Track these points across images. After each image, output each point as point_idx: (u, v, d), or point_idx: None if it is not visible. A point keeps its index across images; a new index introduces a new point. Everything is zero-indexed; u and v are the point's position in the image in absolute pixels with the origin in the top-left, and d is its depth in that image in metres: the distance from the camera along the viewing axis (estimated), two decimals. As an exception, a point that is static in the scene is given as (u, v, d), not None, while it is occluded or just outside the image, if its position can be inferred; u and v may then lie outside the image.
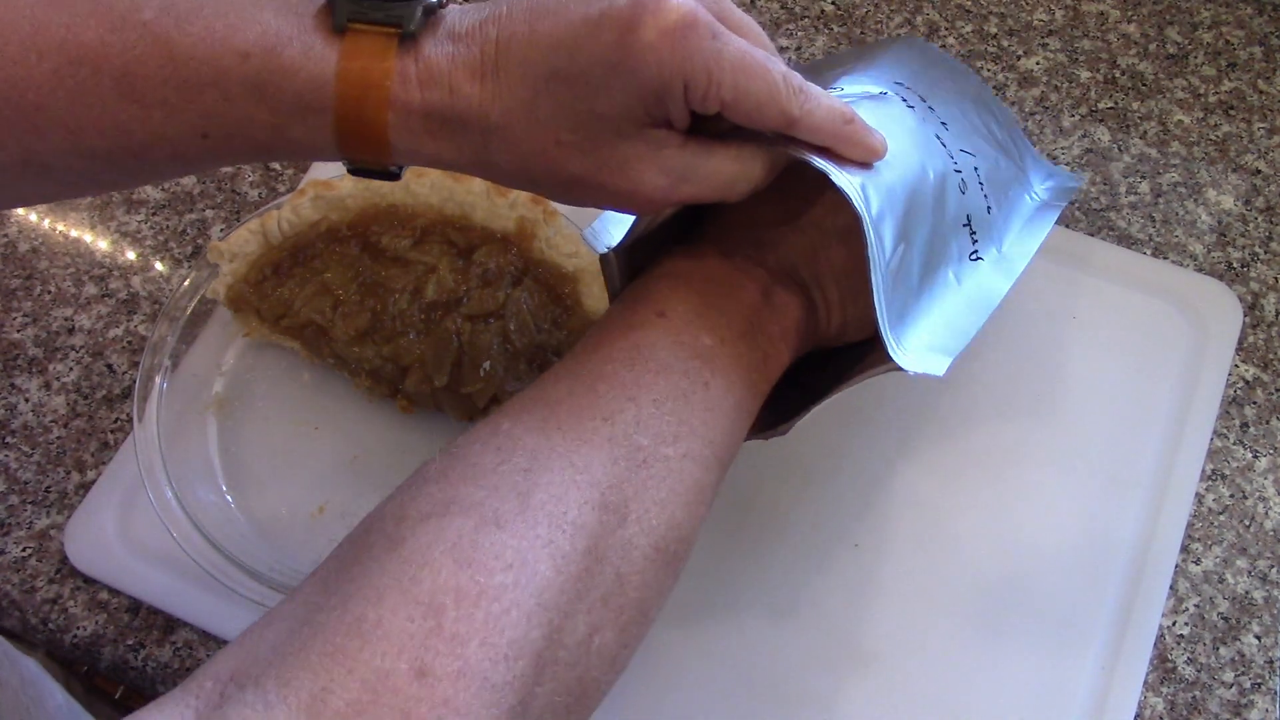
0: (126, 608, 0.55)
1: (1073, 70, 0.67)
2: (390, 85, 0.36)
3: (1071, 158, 0.65)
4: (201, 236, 0.64)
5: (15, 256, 0.63)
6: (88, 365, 0.60)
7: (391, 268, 0.56)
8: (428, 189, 0.57)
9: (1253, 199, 0.63)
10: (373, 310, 0.56)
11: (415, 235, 0.57)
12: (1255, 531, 0.55)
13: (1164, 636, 0.53)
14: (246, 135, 0.37)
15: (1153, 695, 0.52)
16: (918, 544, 0.55)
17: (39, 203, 0.53)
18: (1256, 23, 0.69)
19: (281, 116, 0.37)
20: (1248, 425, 0.58)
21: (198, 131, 0.37)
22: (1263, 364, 0.59)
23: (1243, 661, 0.53)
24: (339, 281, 0.56)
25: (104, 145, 0.36)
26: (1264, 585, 0.54)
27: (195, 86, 0.36)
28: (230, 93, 0.36)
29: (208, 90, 0.36)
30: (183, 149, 0.37)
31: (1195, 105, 0.66)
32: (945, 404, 0.58)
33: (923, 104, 0.47)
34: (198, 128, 0.37)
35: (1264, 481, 0.57)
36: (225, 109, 0.36)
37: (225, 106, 0.36)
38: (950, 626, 0.53)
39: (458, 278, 0.56)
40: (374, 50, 0.36)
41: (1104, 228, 0.63)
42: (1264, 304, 0.61)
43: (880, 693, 0.51)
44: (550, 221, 0.57)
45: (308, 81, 0.36)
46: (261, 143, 0.37)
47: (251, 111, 0.36)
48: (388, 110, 0.37)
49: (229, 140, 0.37)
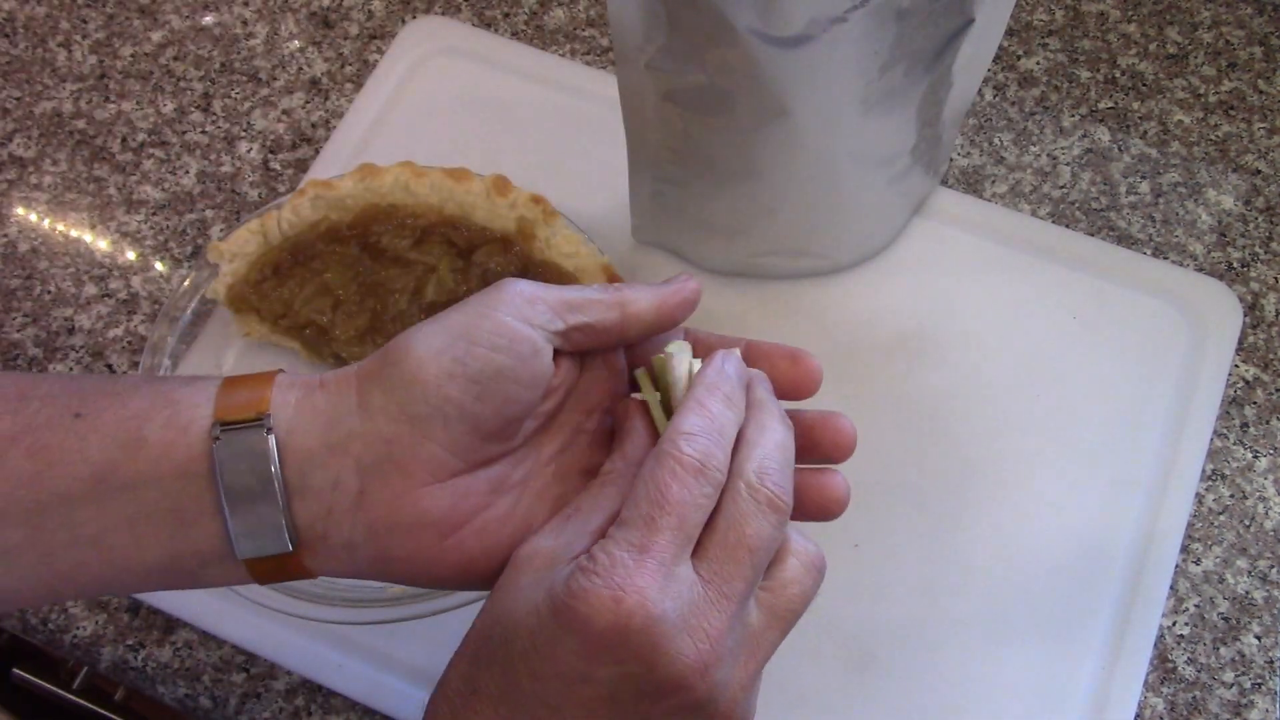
0: (126, 608, 0.55)
1: (1073, 70, 0.67)
2: (301, 565, 0.38)
3: (1071, 158, 0.65)
4: (201, 236, 0.64)
5: (15, 256, 0.63)
6: (88, 365, 0.60)
7: (391, 268, 0.56)
8: (428, 189, 0.57)
9: (1253, 199, 0.63)
10: (373, 310, 0.56)
11: (415, 235, 0.57)
12: (1255, 531, 0.55)
13: (1164, 636, 0.53)
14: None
15: (1153, 695, 0.52)
16: (918, 544, 0.55)
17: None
18: (1256, 23, 0.69)
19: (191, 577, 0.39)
20: (1248, 425, 0.58)
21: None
22: (1263, 364, 0.59)
23: (1243, 661, 0.53)
24: (339, 281, 0.56)
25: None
26: (1264, 585, 0.54)
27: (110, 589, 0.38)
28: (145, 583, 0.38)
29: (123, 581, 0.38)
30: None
31: (1195, 105, 0.66)
32: (945, 404, 0.58)
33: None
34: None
35: (1264, 481, 0.57)
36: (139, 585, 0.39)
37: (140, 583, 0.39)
38: (950, 626, 0.53)
39: (458, 278, 0.56)
40: (277, 565, 0.38)
41: (1104, 228, 0.63)
42: (1264, 304, 0.61)
43: (880, 693, 0.51)
44: (550, 222, 0.57)
45: (222, 577, 0.38)
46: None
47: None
48: (309, 572, 0.39)
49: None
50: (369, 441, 0.37)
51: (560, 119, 0.65)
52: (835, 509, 0.40)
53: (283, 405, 0.37)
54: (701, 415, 0.36)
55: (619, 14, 0.45)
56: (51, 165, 0.66)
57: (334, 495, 0.37)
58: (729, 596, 0.34)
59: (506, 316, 0.37)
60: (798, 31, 0.44)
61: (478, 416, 0.37)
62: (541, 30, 0.69)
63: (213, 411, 0.37)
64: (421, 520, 0.37)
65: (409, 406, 0.36)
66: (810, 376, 0.41)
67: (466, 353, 0.36)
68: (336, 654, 0.52)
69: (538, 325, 0.38)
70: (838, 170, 0.53)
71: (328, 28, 0.70)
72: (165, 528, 0.36)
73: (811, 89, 0.47)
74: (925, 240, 0.62)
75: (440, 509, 0.37)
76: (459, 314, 0.38)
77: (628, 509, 0.34)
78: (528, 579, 0.35)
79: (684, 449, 0.35)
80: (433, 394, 0.36)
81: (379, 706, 0.52)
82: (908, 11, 0.44)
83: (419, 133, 0.65)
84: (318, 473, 0.37)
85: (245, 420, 0.36)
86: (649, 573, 0.33)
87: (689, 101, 0.49)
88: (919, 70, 0.49)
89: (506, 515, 0.38)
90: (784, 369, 0.41)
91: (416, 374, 0.36)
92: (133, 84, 0.68)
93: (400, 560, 0.38)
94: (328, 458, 0.37)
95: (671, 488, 0.34)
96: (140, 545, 0.36)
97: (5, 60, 0.69)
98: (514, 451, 0.39)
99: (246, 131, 0.66)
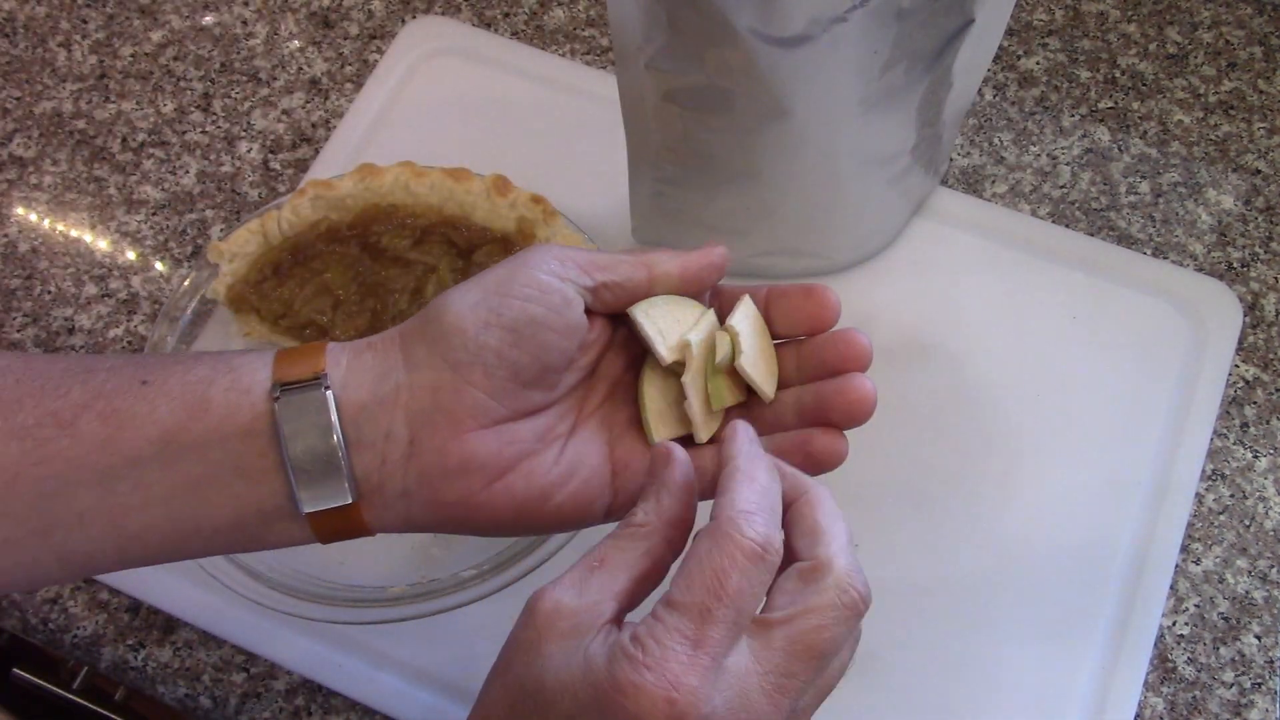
0: (126, 608, 0.55)
1: (1073, 70, 0.67)
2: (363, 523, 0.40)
3: (1071, 158, 0.65)
4: (201, 236, 0.64)
5: (15, 256, 0.63)
6: (88, 365, 0.60)
7: (391, 268, 0.56)
8: (428, 189, 0.57)
9: (1253, 199, 0.63)
10: (373, 310, 0.56)
11: (415, 235, 0.57)
12: (1255, 531, 0.55)
13: (1164, 636, 0.53)
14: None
15: (1153, 695, 0.52)
16: (917, 544, 0.55)
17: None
18: (1256, 23, 0.69)
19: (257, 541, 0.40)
20: (1248, 425, 0.58)
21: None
22: (1263, 364, 0.59)
23: (1243, 661, 0.53)
24: (339, 281, 0.56)
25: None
26: (1264, 585, 0.54)
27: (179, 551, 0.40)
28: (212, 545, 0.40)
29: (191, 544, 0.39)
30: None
31: (1195, 105, 0.66)
32: (945, 404, 0.58)
33: None
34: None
35: (1264, 481, 0.57)
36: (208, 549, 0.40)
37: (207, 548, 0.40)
38: (950, 626, 0.53)
39: (458, 278, 0.56)
40: (337, 515, 0.39)
41: (1104, 228, 0.63)
42: (1264, 304, 0.61)
43: (880, 692, 0.51)
44: (550, 222, 0.57)
45: (286, 536, 0.40)
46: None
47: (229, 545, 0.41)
48: (368, 527, 0.40)
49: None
50: (415, 392, 0.38)
51: (560, 119, 0.65)
52: (864, 410, 0.40)
53: (334, 366, 0.39)
54: (754, 489, 0.34)
55: (619, 14, 0.45)
56: (51, 165, 0.66)
57: (387, 446, 0.38)
58: (785, 692, 0.32)
59: (538, 272, 0.39)
60: (798, 31, 0.44)
61: (516, 363, 0.38)
62: (541, 30, 0.69)
63: (271, 375, 0.38)
64: (470, 464, 0.38)
65: (450, 355, 0.38)
66: (827, 307, 0.42)
67: (501, 304, 0.38)
68: (336, 654, 0.52)
69: (568, 280, 0.39)
70: (838, 170, 0.53)
71: (328, 28, 0.70)
72: (231, 487, 0.38)
73: (811, 89, 0.47)
74: (925, 240, 0.62)
75: (487, 452, 0.39)
76: (492, 273, 0.40)
77: (680, 590, 0.32)
78: (555, 647, 0.33)
79: (746, 532, 0.32)
80: (472, 342, 0.38)
81: (379, 706, 0.52)
82: (908, 11, 0.44)
83: (419, 133, 0.65)
84: (370, 425, 0.38)
85: (303, 380, 0.38)
86: (703, 670, 0.31)
87: (689, 101, 0.49)
88: (919, 70, 0.49)
89: (554, 461, 0.40)
90: (800, 303, 0.42)
91: (456, 325, 0.38)
92: (133, 84, 0.68)
93: (452, 504, 0.39)
94: (378, 411, 0.38)
95: (731, 577, 0.32)
96: (207, 505, 0.38)
97: (5, 60, 0.69)
98: (557, 403, 0.41)
99: (246, 131, 0.66)
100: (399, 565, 0.54)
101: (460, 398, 0.38)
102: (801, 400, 0.42)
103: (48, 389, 0.37)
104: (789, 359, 0.43)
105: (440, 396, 0.38)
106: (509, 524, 0.40)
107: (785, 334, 0.43)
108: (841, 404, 0.41)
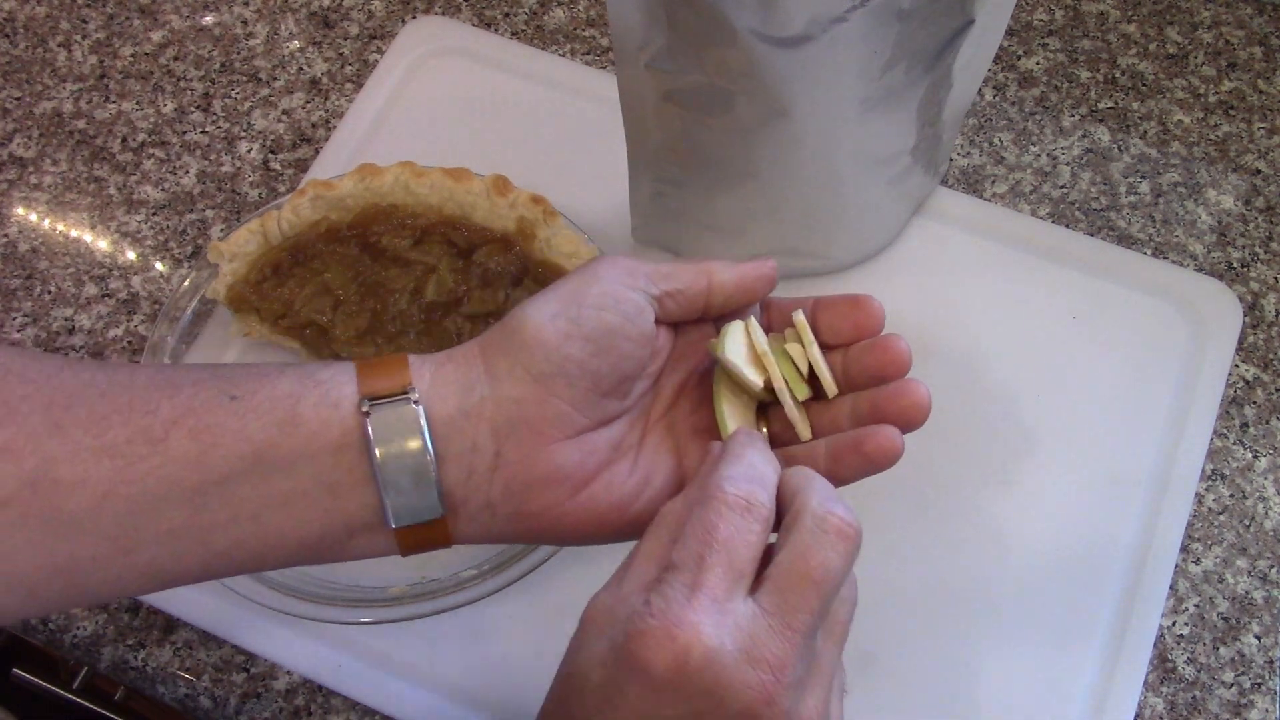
0: (126, 607, 0.55)
1: (1073, 70, 0.67)
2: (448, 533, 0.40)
3: (1071, 158, 0.65)
4: (201, 236, 0.64)
5: (15, 256, 0.63)
6: (88, 365, 0.60)
7: (391, 268, 0.56)
8: (428, 189, 0.57)
9: (1253, 199, 0.63)
10: (373, 310, 0.56)
11: (415, 235, 0.57)
12: (1255, 531, 0.55)
13: (1164, 636, 0.53)
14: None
15: (1153, 695, 0.52)
16: (918, 544, 0.55)
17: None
18: (1256, 23, 0.69)
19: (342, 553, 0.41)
20: (1248, 425, 0.58)
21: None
22: (1263, 364, 0.59)
23: (1243, 661, 0.53)
24: (339, 281, 0.56)
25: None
26: (1264, 585, 0.54)
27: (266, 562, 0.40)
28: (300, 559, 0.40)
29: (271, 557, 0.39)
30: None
31: (1195, 105, 0.66)
32: (945, 404, 0.57)
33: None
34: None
35: (1264, 481, 0.57)
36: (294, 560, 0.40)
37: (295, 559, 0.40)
38: (950, 626, 0.53)
39: (458, 278, 0.56)
40: (422, 527, 0.39)
41: (1104, 228, 0.63)
42: (1264, 304, 0.61)
43: (880, 693, 0.51)
44: (550, 222, 0.57)
45: (369, 548, 0.40)
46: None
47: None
48: (451, 539, 0.41)
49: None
50: (500, 404, 0.39)
51: (560, 119, 0.65)
52: (917, 413, 0.41)
53: (419, 379, 0.39)
54: (740, 463, 0.36)
55: (619, 14, 0.45)
56: (51, 165, 0.66)
57: (473, 458, 0.39)
58: (793, 627, 0.34)
59: (610, 282, 0.40)
60: (798, 31, 0.44)
61: (597, 373, 0.39)
62: (541, 30, 0.69)
63: (357, 388, 0.39)
64: (554, 475, 0.39)
65: (533, 367, 0.39)
66: (873, 315, 0.43)
67: (579, 315, 0.39)
68: (336, 654, 0.52)
69: (638, 289, 0.40)
70: (838, 170, 0.53)
71: (328, 28, 0.70)
72: (320, 502, 0.38)
73: (811, 89, 0.47)
74: (925, 240, 0.62)
75: (571, 463, 0.39)
76: (565, 285, 0.40)
77: (678, 552, 0.34)
78: (592, 636, 0.35)
79: (727, 489, 0.35)
80: (554, 354, 0.39)
81: (379, 706, 0.52)
82: (908, 12, 0.44)
83: (419, 133, 0.65)
84: (457, 438, 0.39)
85: (392, 394, 0.38)
86: (702, 608, 0.33)
87: (689, 101, 0.49)
88: (919, 70, 0.49)
89: (629, 470, 0.41)
90: (847, 312, 0.43)
91: (537, 337, 0.39)
92: (133, 84, 0.68)
93: (535, 515, 0.40)
94: (464, 424, 0.39)
95: (718, 527, 0.34)
96: (296, 520, 0.38)
97: (5, 60, 0.69)
98: (628, 412, 0.42)
99: (246, 131, 0.66)
100: (399, 565, 0.54)
101: (544, 409, 0.39)
102: (857, 406, 0.42)
103: (135, 404, 0.37)
104: (834, 366, 0.43)
105: (525, 408, 0.39)
106: (590, 534, 0.41)
107: (832, 343, 0.43)
108: (896, 408, 0.41)
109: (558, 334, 0.39)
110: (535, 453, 0.39)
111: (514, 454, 0.39)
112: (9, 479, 0.35)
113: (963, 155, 0.65)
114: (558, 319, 0.39)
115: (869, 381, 0.42)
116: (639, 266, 0.41)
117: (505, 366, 0.39)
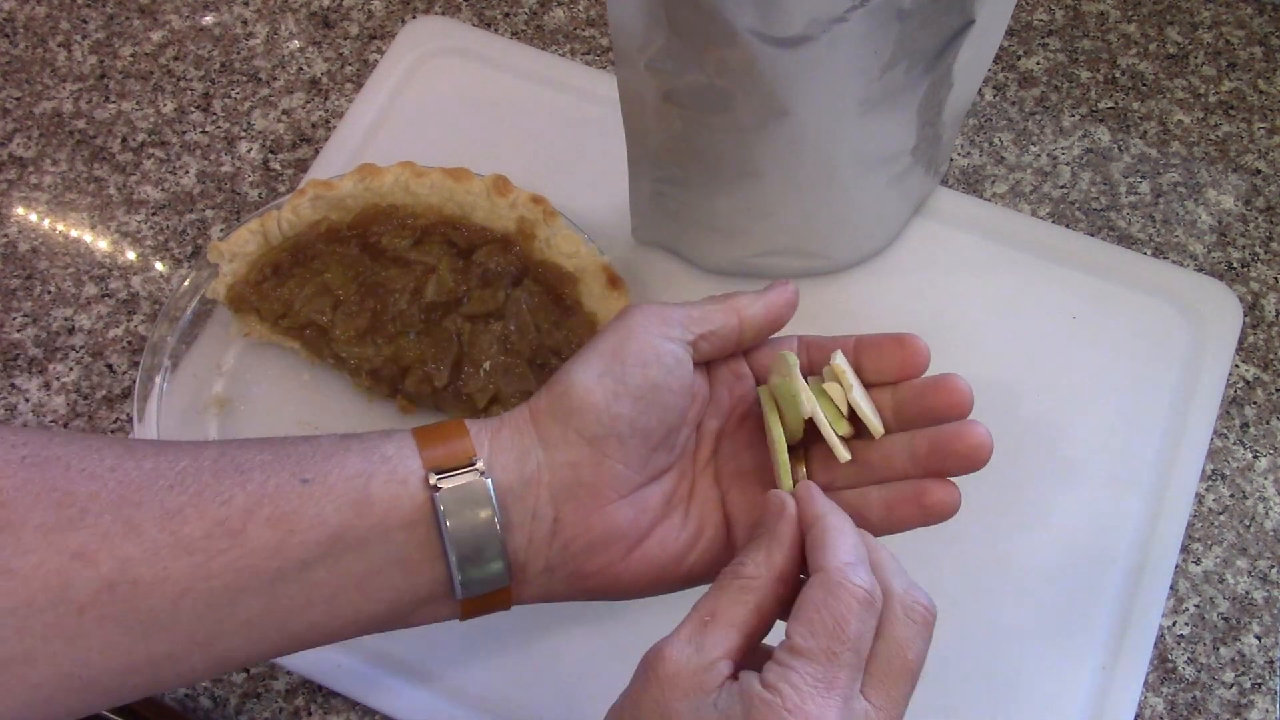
0: (126, 608, 0.55)
1: (1073, 70, 0.67)
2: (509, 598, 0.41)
3: (1071, 158, 0.65)
4: (201, 236, 0.64)
5: (15, 256, 0.63)
6: (88, 365, 0.60)
7: (391, 268, 0.56)
8: (428, 189, 0.57)
9: (1253, 199, 0.63)
10: (373, 310, 0.56)
11: (415, 235, 0.57)
12: (1255, 531, 0.55)
13: (1164, 636, 0.53)
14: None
15: (1153, 695, 0.52)
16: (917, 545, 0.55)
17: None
18: (1256, 23, 0.69)
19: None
20: (1248, 425, 0.58)
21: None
22: (1263, 364, 0.59)
23: (1243, 661, 0.53)
24: (339, 281, 0.56)
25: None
26: (1264, 585, 0.54)
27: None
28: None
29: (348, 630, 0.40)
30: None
31: (1195, 105, 0.66)
32: (945, 404, 0.58)
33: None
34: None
35: (1264, 481, 0.57)
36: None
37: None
38: (950, 627, 0.53)
39: (458, 278, 0.56)
40: (489, 598, 0.40)
41: (1104, 228, 0.63)
42: (1264, 304, 0.61)
43: (880, 693, 0.51)
44: (550, 222, 0.57)
45: (431, 616, 0.41)
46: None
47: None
48: (511, 603, 0.41)
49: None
50: (556, 469, 0.40)
51: (560, 119, 0.65)
52: (981, 456, 0.41)
53: (479, 448, 0.39)
54: (849, 541, 0.37)
55: (619, 14, 0.45)
56: (51, 165, 0.66)
57: (534, 525, 0.39)
58: (896, 717, 0.35)
59: (648, 335, 0.40)
60: (798, 31, 0.44)
61: (646, 429, 0.40)
62: (541, 30, 0.69)
63: (420, 462, 0.39)
64: (612, 534, 0.40)
65: (585, 430, 0.39)
66: (919, 354, 0.43)
67: (624, 373, 0.40)
68: (336, 654, 0.52)
69: (675, 339, 0.41)
70: (838, 170, 0.53)
71: (328, 28, 0.70)
72: (392, 579, 0.38)
73: (811, 89, 0.47)
74: (925, 240, 0.62)
75: (627, 521, 0.40)
76: (603, 342, 0.41)
77: (803, 638, 0.34)
78: (682, 705, 0.34)
79: (854, 580, 0.35)
80: (604, 414, 0.39)
81: (379, 706, 0.52)
82: (908, 11, 0.44)
83: (419, 133, 0.65)
84: (518, 506, 0.39)
85: (458, 467, 0.39)
86: (833, 707, 0.33)
87: (689, 101, 0.49)
88: (919, 70, 0.49)
89: (681, 524, 0.42)
90: (891, 351, 0.43)
91: (586, 399, 0.40)
92: (133, 84, 0.68)
93: (593, 574, 0.40)
94: (524, 492, 0.39)
95: (850, 623, 0.34)
96: (369, 598, 0.38)
97: (5, 60, 0.69)
98: (676, 463, 0.43)
99: (246, 131, 0.66)
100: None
101: (600, 471, 0.39)
102: (915, 447, 0.42)
103: (206, 494, 0.36)
104: (884, 405, 0.43)
105: (581, 472, 0.39)
106: (646, 588, 0.41)
107: (876, 381, 0.44)
108: (958, 450, 0.41)
109: (606, 394, 0.39)
110: (592, 515, 0.40)
111: (572, 517, 0.40)
112: (88, 584, 0.34)
113: (963, 155, 0.65)
114: (604, 379, 0.40)
115: (926, 421, 0.42)
116: (671, 314, 0.41)
117: (558, 432, 0.40)
